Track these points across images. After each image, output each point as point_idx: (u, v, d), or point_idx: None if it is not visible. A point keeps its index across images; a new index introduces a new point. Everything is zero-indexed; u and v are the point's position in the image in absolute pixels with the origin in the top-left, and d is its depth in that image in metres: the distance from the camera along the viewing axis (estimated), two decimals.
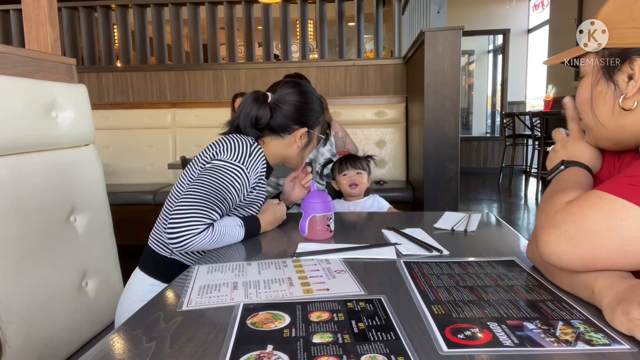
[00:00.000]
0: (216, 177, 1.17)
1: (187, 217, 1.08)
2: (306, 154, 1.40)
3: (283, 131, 1.31)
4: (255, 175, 1.25)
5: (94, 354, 0.62)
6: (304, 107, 1.32)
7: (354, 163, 1.95)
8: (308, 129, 1.34)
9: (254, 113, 1.28)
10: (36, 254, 1.13)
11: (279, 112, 1.30)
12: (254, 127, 1.30)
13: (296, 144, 1.34)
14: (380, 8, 4.90)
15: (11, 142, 1.10)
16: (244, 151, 1.23)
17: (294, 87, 1.33)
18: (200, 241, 1.09)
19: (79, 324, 1.26)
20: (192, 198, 1.12)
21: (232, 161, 1.20)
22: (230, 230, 1.17)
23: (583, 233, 0.69)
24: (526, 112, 6.03)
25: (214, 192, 1.14)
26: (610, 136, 0.80)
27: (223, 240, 1.14)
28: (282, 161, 1.39)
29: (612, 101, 0.76)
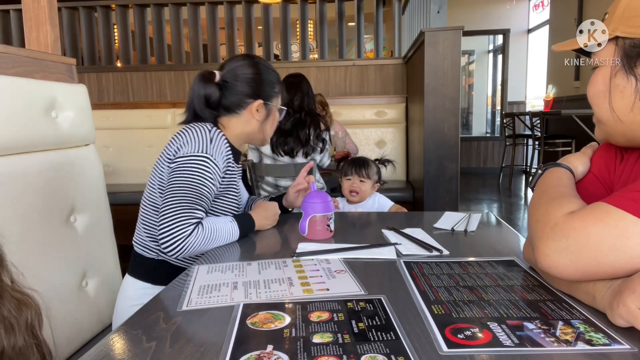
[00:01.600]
0: (187, 174, 1.15)
1: (173, 222, 1.08)
2: (269, 129, 1.37)
3: (238, 107, 1.28)
4: (222, 160, 1.22)
5: (94, 354, 0.62)
6: (255, 79, 1.29)
7: (359, 170, 1.90)
8: (264, 101, 1.30)
9: (202, 92, 1.26)
10: (36, 253, 1.13)
11: (230, 88, 1.27)
12: (208, 107, 1.27)
13: (254, 119, 1.30)
14: (380, 8, 4.90)
15: (11, 142, 1.10)
16: (204, 139, 1.20)
17: (243, 60, 1.30)
18: (195, 242, 1.09)
19: (79, 324, 1.26)
20: (172, 202, 1.11)
21: (196, 153, 1.18)
22: (223, 227, 1.16)
23: (586, 249, 0.66)
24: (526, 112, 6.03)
25: (190, 190, 1.13)
26: (624, 132, 0.77)
27: (218, 238, 1.14)
28: (247, 140, 1.37)
29: (631, 96, 0.72)
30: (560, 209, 0.73)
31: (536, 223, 0.76)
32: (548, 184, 0.85)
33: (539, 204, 0.79)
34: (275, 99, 1.35)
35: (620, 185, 0.81)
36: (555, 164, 0.89)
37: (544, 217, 0.74)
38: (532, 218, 0.79)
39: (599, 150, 0.89)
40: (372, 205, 1.92)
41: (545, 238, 0.71)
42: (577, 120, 4.24)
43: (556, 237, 0.69)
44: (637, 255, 0.63)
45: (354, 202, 1.92)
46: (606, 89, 0.76)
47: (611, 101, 0.75)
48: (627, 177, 0.80)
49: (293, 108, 2.47)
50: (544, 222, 0.73)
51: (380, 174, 2.00)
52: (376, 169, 1.97)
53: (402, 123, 3.97)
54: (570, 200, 0.76)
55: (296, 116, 2.46)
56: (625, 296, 0.61)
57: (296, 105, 2.47)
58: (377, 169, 1.97)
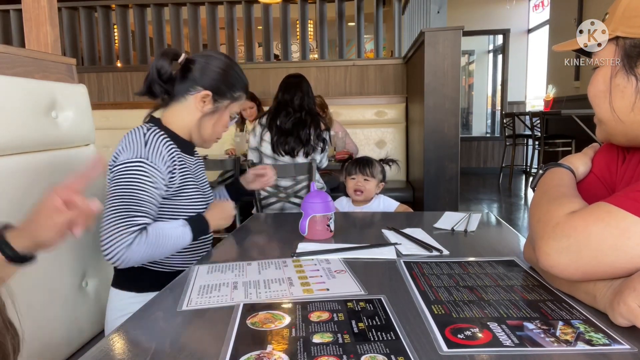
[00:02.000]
0: (123, 182, 1.11)
1: (112, 233, 1.05)
2: (209, 127, 1.27)
3: (186, 92, 1.23)
4: (162, 160, 1.16)
5: (94, 354, 0.62)
6: (216, 71, 1.23)
7: (363, 168, 1.90)
8: (213, 95, 1.23)
9: (158, 64, 1.22)
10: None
11: (189, 72, 1.22)
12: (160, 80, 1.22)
13: (197, 109, 1.23)
14: (380, 8, 4.90)
15: (11, 142, 1.10)
16: (138, 143, 1.15)
17: (219, 55, 1.27)
18: (138, 250, 1.05)
19: (79, 324, 1.26)
20: (110, 212, 1.07)
21: (131, 159, 1.13)
22: (171, 232, 1.12)
23: (587, 249, 0.66)
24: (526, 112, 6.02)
25: (129, 197, 1.09)
26: (625, 132, 0.77)
27: (166, 244, 1.11)
28: (190, 133, 1.28)
29: (632, 96, 0.72)
30: (561, 209, 0.73)
31: (537, 223, 0.76)
32: (549, 184, 0.85)
33: (541, 204, 0.79)
34: (229, 102, 1.27)
35: (622, 186, 0.81)
36: (557, 164, 0.89)
37: (545, 216, 0.74)
38: (533, 217, 0.79)
39: (601, 150, 0.89)
40: (377, 207, 1.91)
41: (547, 237, 0.71)
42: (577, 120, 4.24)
43: (557, 237, 0.69)
44: (638, 255, 0.63)
45: (359, 201, 1.91)
46: (607, 89, 0.76)
47: (612, 101, 0.75)
48: (629, 178, 0.80)
49: (293, 107, 2.47)
50: (545, 222, 0.73)
51: (385, 173, 1.99)
52: (380, 168, 1.96)
53: (402, 123, 3.97)
54: (571, 200, 0.76)
55: (296, 115, 2.46)
56: (626, 295, 0.61)
57: (296, 105, 2.47)
58: (381, 168, 1.96)
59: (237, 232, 1.34)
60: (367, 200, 1.92)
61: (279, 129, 2.48)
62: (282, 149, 2.48)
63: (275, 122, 2.48)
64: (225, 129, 1.32)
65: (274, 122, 2.48)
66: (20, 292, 1.08)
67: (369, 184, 1.89)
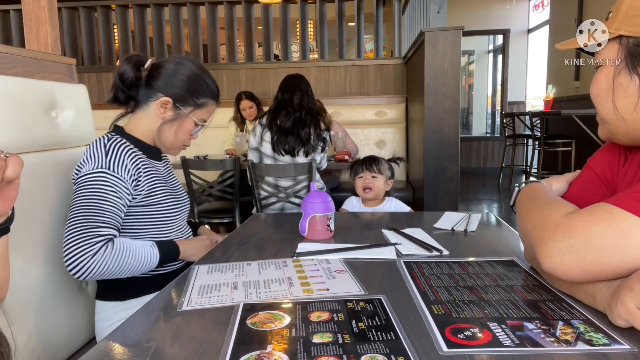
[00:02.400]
0: (86, 193, 1.08)
1: (75, 243, 1.02)
2: (170, 135, 1.23)
3: (148, 98, 1.21)
4: (124, 169, 1.13)
5: (94, 354, 0.62)
6: (179, 77, 1.20)
7: (370, 166, 1.89)
8: (174, 101, 1.20)
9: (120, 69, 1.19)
10: (36, 254, 1.13)
11: (151, 79, 1.20)
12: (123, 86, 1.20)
13: (158, 116, 1.20)
14: (380, 8, 4.90)
15: (11, 142, 1.10)
16: (99, 153, 1.13)
17: (184, 60, 1.23)
18: (102, 261, 1.03)
19: (79, 324, 1.26)
20: (73, 222, 1.05)
21: (92, 170, 1.10)
22: (138, 250, 1.11)
23: (589, 250, 0.65)
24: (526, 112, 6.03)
25: (91, 207, 1.06)
26: (627, 131, 0.76)
27: (131, 261, 1.09)
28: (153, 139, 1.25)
29: (635, 95, 0.72)
30: (557, 211, 0.73)
31: (533, 229, 0.75)
32: (532, 194, 0.85)
33: (530, 212, 0.79)
34: (192, 109, 1.23)
35: (624, 186, 0.81)
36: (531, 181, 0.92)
37: (540, 221, 0.74)
38: (526, 226, 0.79)
39: (603, 149, 0.89)
40: (389, 209, 1.89)
41: (547, 239, 0.70)
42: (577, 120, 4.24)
43: (558, 238, 0.69)
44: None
45: (369, 198, 1.89)
46: (609, 87, 0.75)
47: (614, 100, 0.75)
48: (630, 178, 0.80)
49: (293, 107, 2.48)
50: (542, 226, 0.73)
51: (393, 170, 1.97)
52: (387, 165, 1.94)
53: (402, 123, 3.97)
54: (564, 203, 0.76)
55: (296, 115, 2.47)
56: (624, 295, 0.61)
57: (296, 104, 2.48)
58: (388, 165, 1.95)
59: (237, 232, 1.34)
60: (378, 198, 1.90)
61: (279, 128, 2.48)
62: (282, 149, 2.48)
63: (275, 122, 2.48)
64: (189, 137, 1.27)
65: (274, 121, 2.49)
66: (20, 292, 1.08)
67: (377, 180, 1.87)
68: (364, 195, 1.89)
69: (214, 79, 1.27)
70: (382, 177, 1.88)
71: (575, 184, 0.91)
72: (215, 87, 1.27)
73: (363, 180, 1.88)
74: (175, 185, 1.33)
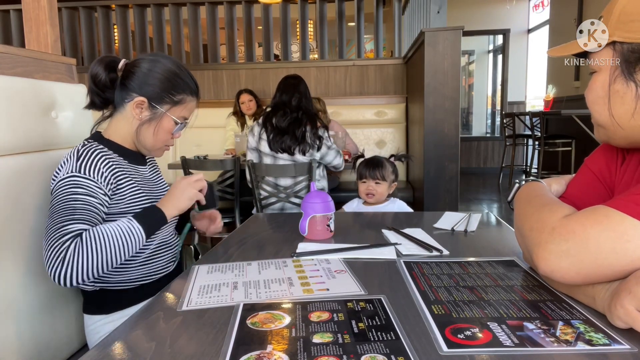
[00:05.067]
0: (57, 199, 1.04)
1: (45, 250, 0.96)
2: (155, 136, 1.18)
3: (123, 100, 1.16)
4: (98, 172, 1.08)
5: (94, 354, 0.62)
6: (151, 75, 1.15)
7: (373, 172, 1.88)
8: (149, 100, 1.15)
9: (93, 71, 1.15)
10: (36, 254, 1.13)
11: (126, 79, 1.16)
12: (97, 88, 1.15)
13: (134, 117, 1.16)
14: (380, 8, 4.90)
15: (11, 142, 1.10)
16: (71, 160, 1.08)
17: (155, 56, 1.19)
18: (77, 259, 0.95)
19: (79, 324, 1.26)
20: (45, 230, 1.00)
21: (63, 177, 1.06)
22: (113, 231, 1.01)
23: (586, 252, 0.65)
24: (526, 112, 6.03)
25: (60, 210, 1.01)
26: (626, 136, 0.75)
27: (111, 244, 0.99)
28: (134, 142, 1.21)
29: (632, 102, 0.71)
30: (554, 214, 0.72)
31: (530, 231, 0.75)
32: (530, 195, 0.85)
33: (528, 214, 0.79)
34: (170, 107, 1.17)
35: (621, 186, 0.81)
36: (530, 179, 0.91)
37: (538, 224, 0.74)
38: (524, 228, 0.79)
39: (600, 149, 0.89)
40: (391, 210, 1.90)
41: (544, 242, 0.70)
42: (577, 120, 4.24)
43: (555, 241, 0.68)
44: (638, 258, 0.63)
45: (371, 203, 1.90)
46: (605, 94, 0.74)
47: (610, 107, 0.74)
48: (628, 179, 0.80)
49: (290, 108, 2.49)
50: (540, 229, 0.72)
51: (397, 172, 1.96)
52: (392, 168, 1.93)
53: (402, 123, 3.97)
54: (561, 205, 0.76)
55: (293, 115, 2.47)
56: (622, 297, 0.61)
57: (294, 106, 2.49)
58: (392, 168, 1.93)
59: (237, 232, 1.34)
60: (380, 202, 1.91)
61: (275, 127, 2.48)
62: (278, 147, 2.48)
63: (271, 121, 2.49)
64: (170, 136, 1.21)
65: (269, 121, 2.49)
66: (20, 292, 1.08)
67: (380, 187, 1.88)
68: (366, 199, 1.90)
69: (192, 75, 1.22)
70: (385, 183, 1.89)
71: (573, 184, 0.91)
72: (193, 83, 1.21)
73: (366, 186, 1.89)
74: (162, 191, 1.28)
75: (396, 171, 1.96)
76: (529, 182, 0.91)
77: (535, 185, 0.89)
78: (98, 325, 1.18)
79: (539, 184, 0.89)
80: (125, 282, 1.18)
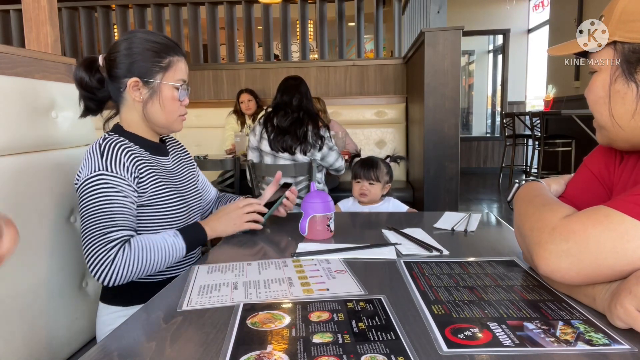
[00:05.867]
0: (90, 199, 1.05)
1: (93, 253, 1.01)
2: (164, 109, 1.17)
3: (119, 90, 1.16)
4: (123, 167, 1.09)
5: (94, 354, 0.62)
6: (126, 54, 1.13)
7: (368, 173, 1.89)
8: (141, 78, 1.14)
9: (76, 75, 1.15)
10: (36, 254, 1.13)
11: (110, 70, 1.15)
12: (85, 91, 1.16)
13: (136, 100, 1.15)
14: (380, 8, 4.90)
15: (11, 142, 1.10)
16: (94, 156, 1.09)
17: (127, 34, 1.17)
18: (124, 264, 1.01)
19: (79, 324, 1.26)
20: (86, 232, 1.03)
21: (89, 175, 1.07)
22: (159, 243, 1.07)
23: (586, 252, 0.65)
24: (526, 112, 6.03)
25: (98, 214, 1.04)
26: (627, 138, 0.75)
27: (154, 256, 1.05)
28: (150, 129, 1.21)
29: (633, 103, 0.70)
30: (554, 214, 0.72)
31: (531, 231, 0.75)
32: (530, 195, 0.85)
33: (529, 213, 0.79)
34: (162, 74, 1.15)
35: (620, 186, 0.81)
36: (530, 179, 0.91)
37: (538, 223, 0.73)
38: (524, 227, 0.79)
39: (599, 149, 0.89)
40: (386, 209, 1.91)
41: (544, 242, 0.70)
42: (577, 120, 4.24)
43: (555, 241, 0.68)
44: (638, 258, 0.63)
45: (364, 203, 1.92)
46: (606, 95, 0.74)
47: (611, 108, 0.73)
48: (626, 178, 0.80)
49: (292, 108, 2.49)
50: (540, 228, 0.72)
51: (392, 173, 1.98)
52: (386, 169, 1.95)
53: (402, 123, 3.98)
54: (561, 206, 0.76)
55: (294, 115, 2.48)
56: (623, 297, 0.61)
57: (295, 106, 2.49)
58: (387, 169, 1.95)
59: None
60: (374, 202, 1.92)
61: (275, 127, 2.49)
62: (279, 146, 2.49)
63: (272, 121, 2.49)
64: (178, 103, 1.19)
65: (270, 121, 2.50)
66: (20, 292, 1.08)
67: (374, 187, 1.90)
68: (360, 198, 1.92)
69: (168, 36, 1.20)
70: (378, 184, 1.91)
71: (572, 184, 0.91)
72: (173, 42, 1.19)
73: (360, 186, 1.91)
74: (185, 182, 1.28)
75: (391, 172, 1.97)
76: (528, 182, 0.91)
77: (535, 185, 0.89)
78: (112, 318, 1.18)
79: (539, 184, 0.89)
80: (152, 276, 1.19)
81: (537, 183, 0.90)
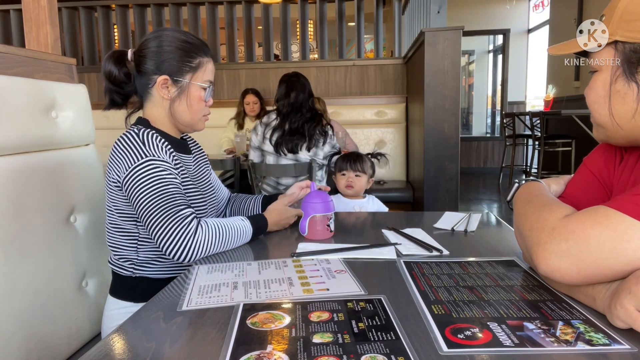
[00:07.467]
0: (149, 183, 1.06)
1: (170, 229, 1.02)
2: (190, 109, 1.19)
3: (147, 87, 1.17)
4: (165, 154, 1.11)
5: (94, 354, 0.62)
6: (157, 52, 1.15)
7: (354, 164, 1.93)
8: (170, 77, 1.15)
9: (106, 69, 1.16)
10: (36, 254, 1.13)
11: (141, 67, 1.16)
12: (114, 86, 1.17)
13: (163, 98, 1.17)
14: (380, 8, 4.90)
15: (11, 142, 1.10)
16: (136, 145, 1.10)
17: (158, 31, 1.19)
18: (206, 238, 1.04)
19: (79, 324, 1.26)
20: (155, 215, 1.04)
21: (138, 162, 1.08)
22: (232, 223, 1.11)
23: (586, 252, 0.65)
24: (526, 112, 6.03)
25: (163, 193, 1.06)
26: (626, 136, 0.75)
27: (229, 234, 1.09)
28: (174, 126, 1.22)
29: (633, 103, 0.70)
30: (554, 214, 0.72)
31: (530, 231, 0.75)
32: (530, 195, 0.85)
33: (528, 213, 0.79)
34: (192, 74, 1.17)
35: (619, 186, 0.81)
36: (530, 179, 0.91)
37: (538, 223, 0.74)
38: (524, 227, 0.79)
39: (599, 149, 0.89)
40: (371, 206, 1.94)
41: (544, 242, 0.70)
42: (577, 120, 4.24)
43: (555, 241, 0.68)
44: (638, 258, 0.63)
45: (349, 195, 1.94)
46: (606, 94, 0.74)
47: (611, 107, 0.73)
48: (626, 178, 0.80)
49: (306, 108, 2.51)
50: (540, 228, 0.72)
51: (374, 168, 2.03)
52: (370, 163, 2.00)
53: (402, 123, 3.97)
54: (561, 206, 0.76)
55: (307, 115, 2.50)
56: (622, 297, 0.61)
57: (309, 106, 2.51)
58: (370, 163, 2.00)
59: None
60: (358, 195, 1.95)
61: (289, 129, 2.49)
62: (285, 147, 2.49)
63: (288, 122, 2.49)
64: (203, 104, 1.20)
65: (285, 122, 2.49)
66: (20, 292, 1.08)
67: (360, 179, 1.93)
68: (345, 191, 1.94)
69: (198, 36, 1.22)
70: (364, 176, 1.94)
71: (572, 184, 0.92)
72: (203, 43, 1.21)
73: (346, 179, 1.93)
74: (203, 182, 1.30)
75: (373, 167, 2.02)
76: (528, 182, 0.91)
77: (535, 185, 0.89)
78: (120, 313, 1.18)
79: (539, 184, 0.89)
80: (165, 270, 1.20)
81: (537, 183, 0.90)
